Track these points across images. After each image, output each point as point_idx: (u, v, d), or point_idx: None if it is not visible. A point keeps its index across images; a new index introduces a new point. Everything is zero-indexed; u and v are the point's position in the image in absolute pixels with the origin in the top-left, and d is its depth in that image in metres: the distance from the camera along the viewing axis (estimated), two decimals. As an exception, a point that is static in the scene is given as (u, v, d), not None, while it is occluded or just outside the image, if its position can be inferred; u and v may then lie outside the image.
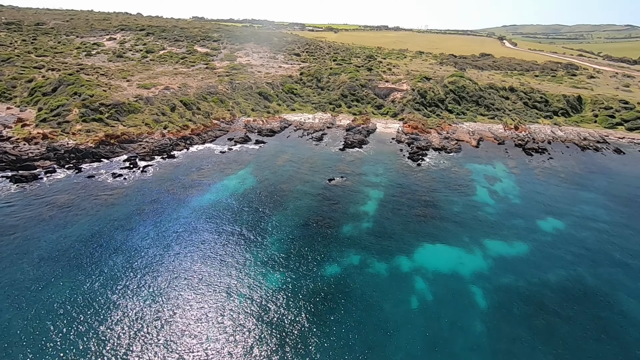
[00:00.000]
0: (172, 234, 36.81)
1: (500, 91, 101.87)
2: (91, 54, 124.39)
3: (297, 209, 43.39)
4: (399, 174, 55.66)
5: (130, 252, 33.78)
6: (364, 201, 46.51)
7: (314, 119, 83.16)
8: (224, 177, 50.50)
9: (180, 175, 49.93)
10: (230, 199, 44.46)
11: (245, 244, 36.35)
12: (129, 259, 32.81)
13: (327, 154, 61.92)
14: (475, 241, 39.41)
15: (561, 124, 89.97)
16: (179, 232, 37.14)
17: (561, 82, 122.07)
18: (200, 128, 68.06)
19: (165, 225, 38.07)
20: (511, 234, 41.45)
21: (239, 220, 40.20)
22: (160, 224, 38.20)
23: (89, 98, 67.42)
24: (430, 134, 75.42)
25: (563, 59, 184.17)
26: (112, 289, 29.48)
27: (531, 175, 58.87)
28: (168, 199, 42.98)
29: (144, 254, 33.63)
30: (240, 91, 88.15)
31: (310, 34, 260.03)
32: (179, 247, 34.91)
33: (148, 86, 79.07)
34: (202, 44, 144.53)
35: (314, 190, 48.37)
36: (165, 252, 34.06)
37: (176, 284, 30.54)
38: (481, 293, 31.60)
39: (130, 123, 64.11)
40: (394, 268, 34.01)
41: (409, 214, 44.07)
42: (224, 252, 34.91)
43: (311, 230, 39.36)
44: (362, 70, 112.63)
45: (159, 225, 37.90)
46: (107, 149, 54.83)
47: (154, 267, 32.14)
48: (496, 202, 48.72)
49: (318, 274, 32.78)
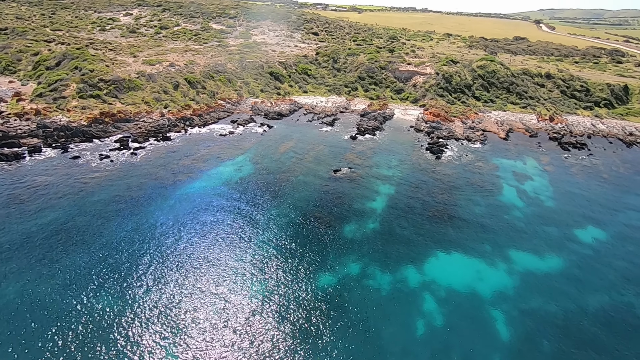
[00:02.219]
0: (149, 227, 32.76)
1: (535, 78, 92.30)
2: (105, 29, 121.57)
3: (294, 203, 38.52)
4: (414, 167, 49.69)
5: (100, 246, 29.97)
6: (371, 197, 41.13)
7: (327, 102, 77.28)
8: (219, 163, 46.03)
9: (172, 159, 45.78)
10: (222, 188, 40.00)
11: (227, 244, 31.91)
12: (96, 255, 29.01)
13: (336, 142, 56.39)
14: (498, 251, 33.58)
15: (603, 116, 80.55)
16: (157, 225, 33.03)
17: (605, 70, 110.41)
18: (202, 108, 63.60)
19: (144, 216, 34.05)
20: (542, 244, 35.29)
21: (227, 213, 35.73)
22: (138, 214, 34.20)
23: (88, 73, 63.91)
24: (453, 123, 68.37)
25: (607, 44, 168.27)
26: (72, 288, 25.76)
27: (567, 174, 51.63)
28: (153, 186, 38.91)
29: (114, 249, 29.76)
30: (250, 70, 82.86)
31: (333, 14, 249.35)
32: (154, 244, 30.84)
33: (153, 62, 74.95)
34: (218, 21, 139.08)
35: (317, 182, 43.29)
36: (137, 250, 30.06)
37: (144, 290, 26.52)
38: (503, 320, 26.10)
39: (129, 101, 60.29)
40: (400, 282, 28.82)
41: (422, 214, 38.46)
42: (203, 253, 30.60)
43: (307, 229, 34.48)
44: (383, 51, 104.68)
45: (137, 216, 33.91)
46: (100, 128, 51.21)
47: (122, 266, 28.21)
48: (526, 205, 42.33)
49: (309, 284, 28.04)
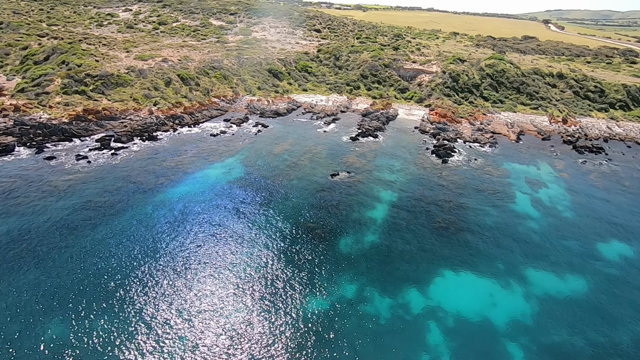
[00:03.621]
0: (118, 239, 29.18)
1: (546, 77, 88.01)
2: (102, 25, 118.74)
3: (285, 212, 34.81)
4: (419, 171, 45.81)
5: (59, 262, 26.44)
6: (372, 205, 37.35)
7: (327, 101, 73.52)
8: (207, 165, 42.41)
9: (156, 160, 42.23)
10: (206, 194, 36.35)
11: (203, 261, 28.24)
12: (53, 272, 25.48)
13: (335, 143, 52.63)
14: (513, 270, 29.69)
15: (619, 119, 76.20)
16: (127, 237, 29.43)
17: (618, 70, 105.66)
18: (195, 106, 60.06)
19: (114, 226, 30.48)
20: (563, 261, 31.35)
21: (208, 224, 32.04)
22: (108, 223, 30.63)
23: (75, 68, 60.60)
24: (460, 124, 64.36)
25: (620, 44, 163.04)
26: (18, 313, 22.25)
27: (585, 181, 47.54)
28: (129, 191, 35.33)
29: (74, 266, 26.21)
30: (247, 67, 79.27)
31: (337, 12, 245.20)
32: (121, 261, 27.24)
33: (145, 58, 71.52)
34: (218, 17, 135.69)
35: (312, 187, 39.56)
36: (101, 267, 26.49)
37: (101, 317, 22.95)
38: (522, 357, 22.25)
39: (117, 97, 56.88)
40: (401, 307, 25.02)
41: (427, 225, 34.62)
42: (174, 274, 26.98)
43: (298, 244, 30.76)
44: (387, 49, 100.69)
45: (106, 226, 30.33)
46: (81, 126, 47.79)
47: (80, 286, 24.66)
48: (541, 215, 38.36)
49: (295, 311, 24.33)
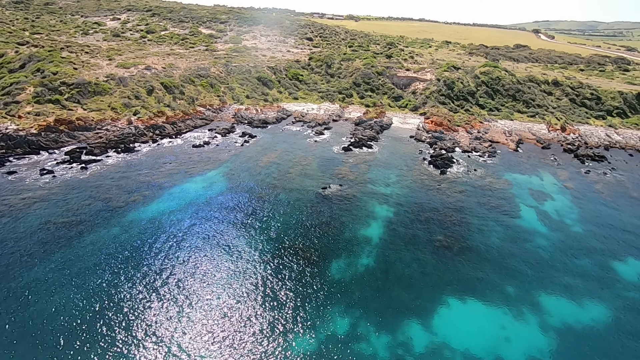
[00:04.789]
0: (78, 267, 25.45)
1: (542, 85, 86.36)
2: (88, 33, 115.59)
3: (269, 232, 31.36)
4: (416, 184, 42.77)
5: (6, 295, 22.64)
6: (366, 222, 34.06)
7: (318, 109, 70.67)
8: (186, 179, 38.89)
9: (130, 175, 38.61)
10: (183, 213, 32.78)
11: (172, 294, 24.64)
12: None
13: (327, 154, 49.50)
14: (525, 296, 26.48)
15: (617, 126, 74.47)
16: (88, 265, 25.67)
17: (612, 78, 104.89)
18: (177, 116, 56.70)
19: (74, 251, 26.75)
20: (578, 284, 28.25)
21: (182, 248, 28.41)
22: (67, 248, 26.89)
23: (50, 75, 57.08)
24: (457, 133, 61.80)
25: (610, 53, 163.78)
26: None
27: (591, 191, 44.87)
28: (96, 210, 31.65)
29: (24, 300, 22.43)
30: (236, 75, 76.33)
31: (329, 22, 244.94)
32: (78, 293, 23.53)
33: (128, 65, 68.25)
34: (208, 26, 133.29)
35: (301, 203, 36.21)
36: (54, 301, 22.75)
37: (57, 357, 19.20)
38: (546, 406, 18.92)
39: (93, 106, 53.34)
40: (401, 346, 21.57)
41: (427, 244, 31.39)
42: (135, 313, 23.33)
43: (283, 269, 27.28)
44: (380, 57, 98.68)
45: (65, 251, 26.56)
46: (51, 138, 44.08)
47: (30, 324, 20.88)
48: (549, 230, 35.39)
49: (279, 350, 20.76)
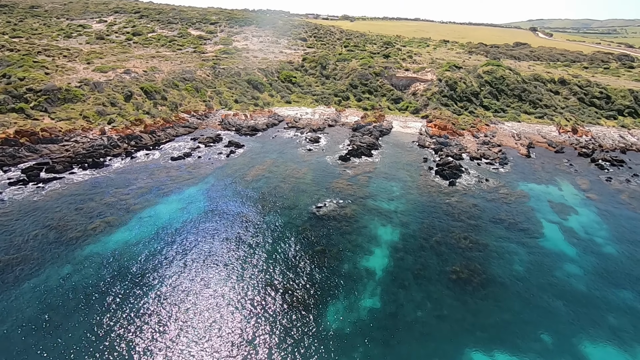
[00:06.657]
0: (17, 319, 20.37)
1: (548, 84, 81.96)
2: (71, 36, 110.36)
3: (253, 268, 26.35)
4: (423, 197, 37.87)
5: None
6: (368, 249, 29.12)
7: (313, 114, 65.83)
8: (159, 199, 33.82)
9: (94, 195, 33.46)
10: (151, 244, 27.66)
11: (132, 348, 19.64)
12: None
13: (322, 164, 44.58)
14: (565, 345, 21.61)
15: (630, 127, 70.09)
16: (22, 321, 20.56)
17: (619, 75, 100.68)
18: (158, 124, 51.59)
19: (15, 298, 21.63)
20: (626, 325, 23.41)
21: (147, 291, 23.32)
22: (3, 293, 21.78)
23: (16, 81, 51.92)
24: (463, 137, 57.08)
25: (613, 50, 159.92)
26: None
27: (618, 203, 40.15)
28: (47, 242, 26.52)
29: None
30: (224, 78, 71.36)
31: (324, 22, 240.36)
32: (19, 352, 18.48)
33: (105, 69, 63.11)
34: (198, 27, 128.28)
35: (292, 227, 31.23)
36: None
37: None
38: None
39: (63, 115, 48.21)
40: None
41: (442, 276, 26.50)
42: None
43: (267, 317, 22.28)
44: (378, 57, 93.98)
45: (1, 299, 21.53)
46: (7, 153, 38.84)
47: None
48: (579, 252, 30.61)
49: None
